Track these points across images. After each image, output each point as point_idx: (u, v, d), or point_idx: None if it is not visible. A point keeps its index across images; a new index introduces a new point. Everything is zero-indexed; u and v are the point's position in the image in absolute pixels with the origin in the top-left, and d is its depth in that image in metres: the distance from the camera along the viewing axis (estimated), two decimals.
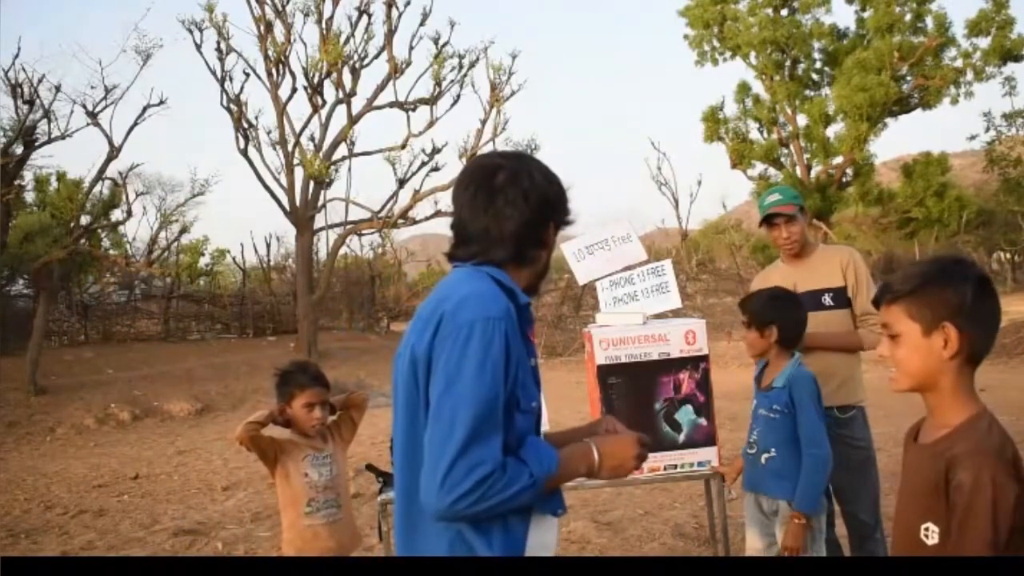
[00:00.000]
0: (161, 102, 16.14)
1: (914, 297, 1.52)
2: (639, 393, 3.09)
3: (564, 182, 1.75)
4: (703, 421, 3.07)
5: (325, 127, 17.97)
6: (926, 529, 1.48)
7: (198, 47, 17.01)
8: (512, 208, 1.65)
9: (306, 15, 17.42)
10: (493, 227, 1.66)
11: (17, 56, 14.97)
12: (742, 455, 3.16)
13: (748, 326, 3.07)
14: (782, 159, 27.63)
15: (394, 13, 17.52)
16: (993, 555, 1.35)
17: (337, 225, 19.35)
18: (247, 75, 17.48)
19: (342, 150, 18.06)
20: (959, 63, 25.25)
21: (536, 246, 1.70)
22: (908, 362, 1.53)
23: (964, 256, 1.61)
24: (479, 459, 1.47)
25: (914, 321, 1.51)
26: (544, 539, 1.65)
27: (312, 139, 17.86)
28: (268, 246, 31.38)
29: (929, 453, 1.51)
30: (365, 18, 17.57)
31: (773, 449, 2.97)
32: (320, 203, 18.32)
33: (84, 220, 16.61)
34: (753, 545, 3.08)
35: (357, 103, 17.96)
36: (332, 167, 17.75)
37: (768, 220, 3.54)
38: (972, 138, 29.35)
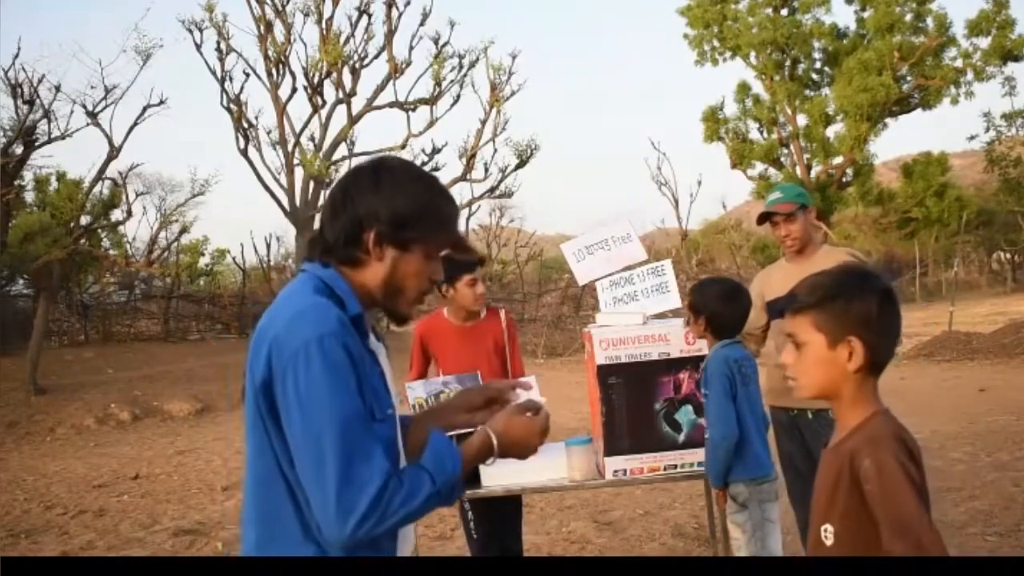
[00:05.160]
0: (161, 102, 16.13)
1: (821, 309, 1.54)
2: (639, 393, 3.09)
3: (420, 202, 1.57)
4: (703, 421, 3.07)
5: (325, 127, 17.97)
6: (825, 531, 1.52)
7: (198, 47, 17.01)
8: (345, 206, 1.58)
9: (306, 15, 17.42)
10: (326, 226, 1.61)
11: (17, 56, 14.95)
12: None
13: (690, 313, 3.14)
14: (782, 159, 27.66)
15: (394, 13, 17.52)
16: (928, 523, 1.38)
17: None
18: (247, 75, 17.47)
19: (342, 150, 18.06)
20: (959, 63, 25.29)
21: (353, 245, 1.56)
22: (812, 373, 1.56)
23: (870, 269, 1.64)
24: (365, 477, 1.38)
25: (820, 332, 1.54)
26: (403, 549, 1.63)
27: (312, 139, 17.86)
28: (268, 246, 31.46)
29: (830, 455, 1.56)
30: (365, 18, 17.57)
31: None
32: (320, 203, 18.32)
33: (84, 220, 16.58)
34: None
35: (357, 103, 17.96)
36: (332, 167, 17.75)
37: (768, 218, 3.55)
38: (972, 138, 29.41)
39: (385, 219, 1.54)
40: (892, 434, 1.47)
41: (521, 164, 18.35)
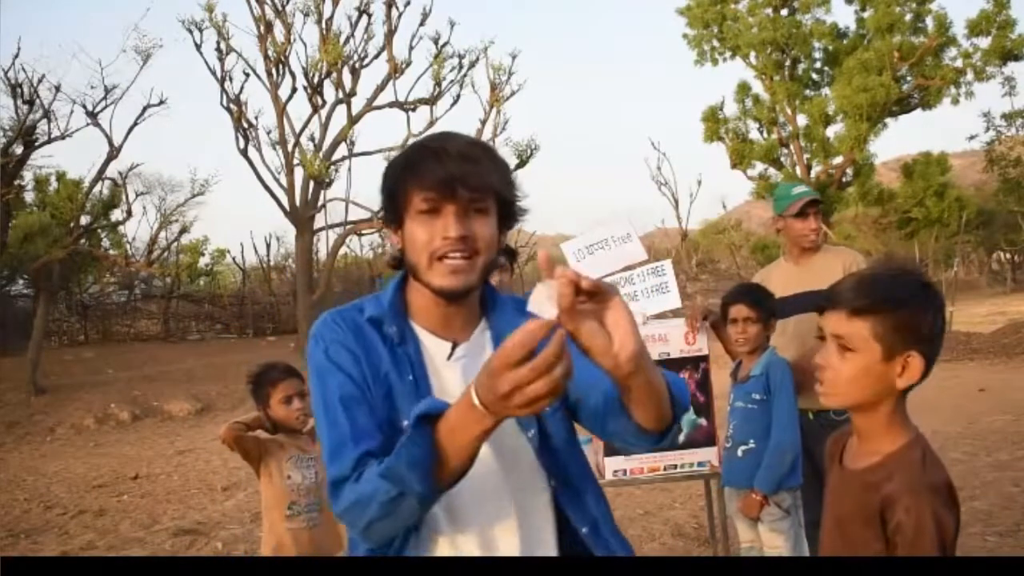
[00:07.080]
0: (161, 102, 16.16)
1: (883, 316, 1.35)
2: None
3: (387, 174, 1.44)
4: (703, 421, 3.07)
5: (325, 127, 17.99)
6: None
7: (198, 47, 17.04)
8: None
9: (306, 15, 17.46)
10: None
11: (17, 56, 14.99)
12: (723, 453, 3.18)
13: (755, 320, 3.07)
14: (782, 159, 27.63)
15: (394, 13, 17.55)
16: None
17: (337, 225, 19.38)
18: (247, 75, 17.51)
19: (342, 150, 18.09)
20: (959, 63, 25.24)
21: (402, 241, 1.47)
22: (855, 383, 1.38)
23: (928, 277, 1.44)
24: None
25: (877, 342, 1.36)
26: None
27: (312, 139, 17.89)
28: (268, 246, 31.50)
29: (859, 482, 1.41)
30: (365, 18, 17.61)
31: (751, 440, 3.02)
32: (320, 203, 18.33)
33: (84, 220, 16.61)
34: (745, 536, 3.13)
35: (357, 103, 18.00)
36: (332, 167, 17.76)
37: (802, 209, 3.47)
38: (972, 138, 29.37)
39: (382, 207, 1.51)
40: (934, 483, 1.33)
41: (521, 164, 18.37)
